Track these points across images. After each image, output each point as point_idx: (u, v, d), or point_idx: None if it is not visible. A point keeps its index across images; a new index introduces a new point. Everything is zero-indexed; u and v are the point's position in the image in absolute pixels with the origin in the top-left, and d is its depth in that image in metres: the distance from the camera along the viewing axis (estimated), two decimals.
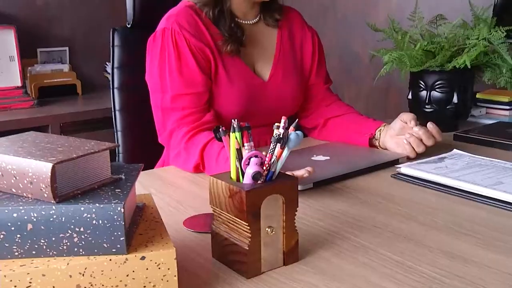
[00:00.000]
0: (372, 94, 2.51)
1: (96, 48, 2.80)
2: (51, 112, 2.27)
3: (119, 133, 1.63)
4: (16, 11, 2.59)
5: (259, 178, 0.71)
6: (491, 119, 1.59)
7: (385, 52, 1.46)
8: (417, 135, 1.21)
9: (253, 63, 1.37)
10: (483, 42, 1.34)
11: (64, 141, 0.70)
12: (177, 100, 1.24)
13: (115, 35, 1.63)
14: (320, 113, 1.46)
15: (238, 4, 1.33)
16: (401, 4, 2.31)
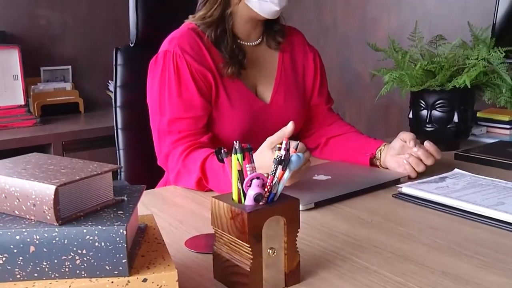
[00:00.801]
0: (373, 112, 2.52)
1: (99, 67, 2.83)
2: (53, 131, 2.29)
3: (121, 151, 1.63)
4: (20, 30, 2.62)
5: (261, 200, 0.71)
6: (492, 138, 1.59)
7: (386, 71, 1.47)
8: (416, 155, 1.22)
9: (255, 85, 1.38)
10: (483, 62, 1.35)
11: (67, 163, 0.71)
12: (174, 124, 1.24)
13: (118, 54, 1.65)
14: (321, 133, 1.46)
15: (241, 25, 1.35)
16: (401, 23, 2.34)
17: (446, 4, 2.17)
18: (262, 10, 1.29)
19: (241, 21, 1.34)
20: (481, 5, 2.01)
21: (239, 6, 1.30)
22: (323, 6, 2.72)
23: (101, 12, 2.83)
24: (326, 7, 2.70)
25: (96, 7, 2.82)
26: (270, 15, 1.30)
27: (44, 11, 2.69)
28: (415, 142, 1.24)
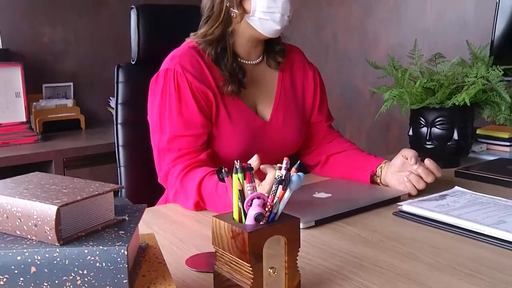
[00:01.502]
0: (373, 129, 2.53)
1: (100, 83, 2.84)
2: (54, 147, 2.29)
3: (122, 168, 1.64)
4: (23, 48, 2.65)
5: (261, 220, 0.71)
6: (492, 155, 1.59)
7: (386, 89, 1.48)
8: (416, 173, 1.22)
9: (255, 103, 1.38)
10: (482, 81, 1.36)
11: (69, 182, 0.71)
12: (174, 141, 1.25)
13: (120, 71, 1.66)
14: (322, 150, 1.47)
15: (242, 43, 1.36)
16: (400, 41, 2.36)
17: (445, 22, 2.19)
18: (264, 29, 1.30)
19: (242, 40, 1.35)
20: (479, 24, 2.03)
21: (240, 25, 1.31)
22: (323, 24, 2.74)
23: (102, 29, 2.86)
24: (326, 25, 2.73)
25: (98, 24, 2.85)
26: (271, 34, 1.31)
27: (47, 29, 2.71)
28: (416, 159, 1.24)
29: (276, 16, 1.28)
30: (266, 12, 1.28)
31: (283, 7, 1.28)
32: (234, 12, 1.30)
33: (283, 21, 1.30)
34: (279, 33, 1.33)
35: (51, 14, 2.71)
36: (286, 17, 1.30)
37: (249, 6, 1.28)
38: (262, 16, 1.28)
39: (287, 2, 1.29)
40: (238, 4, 1.29)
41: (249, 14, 1.29)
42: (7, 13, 2.60)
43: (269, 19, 1.28)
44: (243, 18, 1.29)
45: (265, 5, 1.27)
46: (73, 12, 2.76)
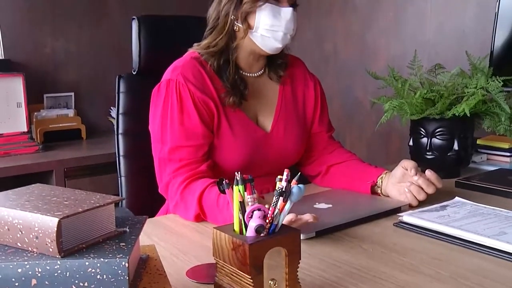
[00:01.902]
0: (374, 139, 2.53)
1: (101, 93, 2.85)
2: (55, 157, 2.29)
3: (123, 178, 1.64)
4: (25, 58, 2.66)
5: (262, 231, 0.71)
6: (492, 166, 1.60)
7: (386, 100, 1.48)
8: (417, 184, 1.22)
9: (256, 114, 1.39)
10: (481, 91, 1.37)
11: (70, 194, 0.71)
12: (175, 152, 1.25)
13: (121, 82, 1.66)
14: (322, 161, 1.47)
15: (244, 57, 1.36)
16: (400, 52, 2.37)
17: (445, 33, 2.20)
18: (265, 45, 1.31)
19: (244, 54, 1.36)
20: (478, 35, 2.04)
21: (244, 40, 1.32)
22: (324, 34, 2.76)
23: (104, 40, 2.87)
24: (327, 36, 2.74)
25: (100, 35, 2.86)
26: (271, 51, 1.32)
27: (49, 39, 2.73)
28: (416, 170, 1.24)
29: (279, 34, 1.29)
30: (269, 30, 1.28)
31: (287, 27, 1.29)
32: (238, 26, 1.30)
33: (285, 40, 1.31)
34: (279, 50, 1.34)
35: (53, 25, 2.72)
36: (289, 36, 1.31)
37: (253, 22, 1.29)
38: (264, 33, 1.29)
39: (291, 21, 1.30)
40: (243, 19, 1.29)
41: (252, 30, 1.29)
42: (9, 24, 2.61)
43: (271, 37, 1.29)
44: (247, 34, 1.30)
45: (269, 23, 1.28)
46: (75, 22, 2.78)
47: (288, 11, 1.29)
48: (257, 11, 1.28)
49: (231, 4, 1.30)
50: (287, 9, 1.29)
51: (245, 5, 1.28)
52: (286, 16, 1.29)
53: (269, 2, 1.28)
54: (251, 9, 1.28)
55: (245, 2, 1.28)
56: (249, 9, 1.28)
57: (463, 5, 2.12)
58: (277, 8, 1.28)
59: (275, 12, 1.28)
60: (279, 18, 1.28)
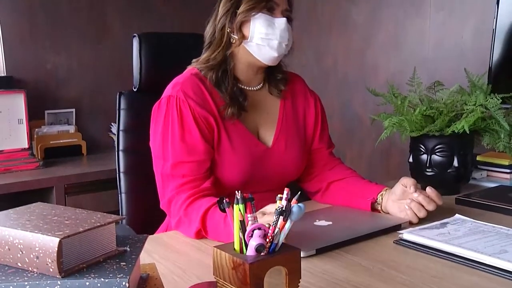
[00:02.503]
0: (374, 155, 2.54)
1: (102, 109, 2.86)
2: (56, 174, 2.30)
3: (123, 195, 1.64)
4: (27, 75, 2.67)
5: (263, 250, 0.71)
6: (493, 182, 1.60)
7: (385, 116, 1.49)
8: (417, 201, 1.22)
9: (257, 128, 1.40)
10: (480, 108, 1.37)
11: (71, 213, 0.72)
12: (177, 168, 1.26)
13: (122, 98, 1.67)
14: (323, 177, 1.47)
15: (242, 70, 1.38)
16: (399, 68, 2.38)
17: (444, 50, 2.21)
18: (260, 55, 1.32)
19: (242, 66, 1.37)
20: (477, 52, 2.06)
21: (239, 50, 1.34)
22: (324, 51, 2.78)
23: (105, 57, 2.89)
24: (327, 53, 2.76)
25: (101, 52, 2.88)
26: (268, 60, 1.34)
27: (51, 56, 2.74)
28: (416, 187, 1.24)
29: (274, 43, 1.31)
30: (264, 39, 1.30)
31: (281, 35, 1.31)
32: (234, 38, 1.33)
33: (281, 49, 1.32)
34: (276, 60, 1.35)
35: (55, 42, 2.74)
36: (284, 45, 1.33)
37: (248, 32, 1.32)
38: (259, 42, 1.31)
39: (286, 30, 1.32)
40: (238, 30, 1.32)
41: (247, 40, 1.32)
42: (12, 41, 2.63)
43: (266, 46, 1.31)
44: (242, 43, 1.32)
45: (263, 32, 1.30)
46: (77, 40, 2.80)
47: (282, 21, 1.32)
48: (251, 21, 1.31)
49: (226, 17, 1.33)
50: (281, 19, 1.32)
51: (240, 15, 1.31)
52: (280, 26, 1.31)
53: (263, 12, 1.31)
54: (245, 18, 1.31)
55: (239, 13, 1.31)
56: (243, 19, 1.31)
57: (461, 23, 2.14)
58: (270, 18, 1.32)
59: (269, 21, 1.31)
60: (273, 27, 1.31)
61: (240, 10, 1.31)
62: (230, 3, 1.33)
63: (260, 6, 1.30)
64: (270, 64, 1.36)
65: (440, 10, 2.21)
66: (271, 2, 1.31)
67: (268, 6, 1.31)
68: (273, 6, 1.32)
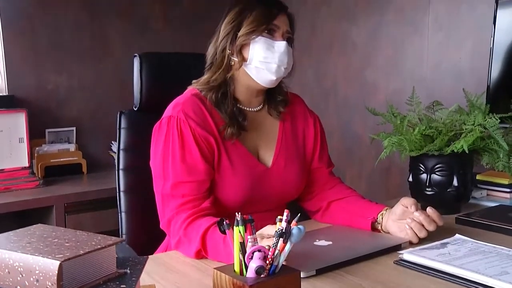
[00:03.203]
0: (374, 174, 2.54)
1: (103, 128, 2.87)
2: (55, 192, 2.29)
3: (123, 214, 1.63)
4: (28, 94, 2.69)
5: (262, 272, 0.72)
6: (493, 202, 1.59)
7: (385, 136, 1.50)
8: (418, 220, 1.22)
9: (256, 148, 1.40)
10: (479, 128, 1.38)
11: (71, 235, 0.72)
12: (177, 188, 1.26)
13: (122, 118, 1.68)
14: (323, 196, 1.47)
15: (242, 91, 1.39)
16: (399, 88, 2.40)
17: (442, 70, 2.23)
18: (259, 78, 1.34)
19: (241, 88, 1.39)
20: (475, 71, 2.07)
21: (239, 72, 1.35)
22: (323, 71, 2.80)
23: (106, 76, 2.91)
24: (326, 73, 2.78)
25: (102, 72, 2.90)
26: (266, 83, 1.35)
27: (52, 76, 2.76)
28: (416, 207, 1.24)
29: (272, 66, 1.32)
30: (263, 62, 1.32)
31: (280, 59, 1.32)
32: (234, 60, 1.34)
33: (279, 72, 1.33)
34: (275, 83, 1.36)
35: (57, 62, 2.76)
36: (283, 69, 1.34)
37: (247, 55, 1.33)
38: (258, 65, 1.32)
39: (285, 54, 1.33)
40: (238, 52, 1.33)
41: (246, 62, 1.33)
42: (14, 61, 2.65)
43: (265, 69, 1.32)
44: (241, 66, 1.33)
45: (262, 55, 1.31)
46: (78, 59, 2.82)
47: (281, 45, 1.33)
48: (251, 44, 1.32)
49: (227, 39, 1.34)
50: (281, 43, 1.33)
51: (240, 38, 1.33)
52: (279, 49, 1.33)
53: (263, 35, 1.32)
54: (246, 41, 1.32)
55: (240, 36, 1.33)
56: (243, 42, 1.32)
57: (459, 43, 2.16)
58: (270, 41, 1.33)
59: (269, 45, 1.32)
60: (273, 51, 1.32)
61: (240, 33, 1.33)
62: (231, 26, 1.34)
63: (260, 29, 1.32)
64: (268, 87, 1.37)
65: (438, 30, 2.23)
66: (272, 25, 1.33)
67: (268, 29, 1.33)
68: (273, 29, 1.33)
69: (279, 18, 1.34)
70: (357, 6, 2.59)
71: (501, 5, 1.72)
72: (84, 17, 2.81)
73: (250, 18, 1.33)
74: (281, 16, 1.35)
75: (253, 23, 1.32)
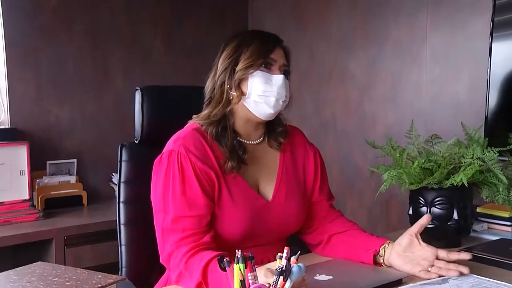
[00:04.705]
0: (374, 206, 2.53)
1: (104, 160, 2.87)
2: (55, 225, 2.28)
3: (123, 247, 1.62)
4: (30, 126, 2.69)
5: None
6: (494, 235, 1.59)
7: (384, 169, 1.50)
8: (448, 261, 1.22)
9: (257, 182, 1.41)
10: (478, 162, 1.39)
11: (71, 274, 0.72)
12: (178, 222, 1.26)
13: (123, 150, 1.68)
14: (323, 229, 1.47)
15: (242, 125, 1.40)
16: (397, 119, 2.42)
17: (440, 102, 2.26)
18: (258, 111, 1.35)
19: (241, 122, 1.40)
20: (472, 104, 2.10)
21: (238, 106, 1.37)
22: (323, 102, 2.82)
23: (108, 109, 2.92)
24: (326, 103, 2.81)
25: (104, 104, 2.92)
26: (265, 117, 1.37)
27: (54, 108, 2.77)
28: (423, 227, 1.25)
29: (271, 100, 1.34)
30: (261, 96, 1.34)
31: (278, 92, 1.34)
32: (233, 94, 1.36)
33: (277, 106, 1.35)
34: (273, 116, 1.38)
35: (60, 94, 2.78)
36: (281, 102, 1.36)
37: (246, 89, 1.35)
38: (257, 99, 1.34)
39: (283, 87, 1.35)
40: (237, 87, 1.35)
41: (245, 97, 1.35)
42: (18, 94, 2.66)
43: (263, 103, 1.34)
44: (240, 100, 1.35)
45: (261, 89, 1.33)
46: (80, 92, 2.84)
47: (279, 78, 1.35)
48: (249, 78, 1.34)
49: (225, 74, 1.36)
50: (278, 76, 1.35)
51: (238, 73, 1.35)
52: (277, 83, 1.34)
53: (260, 69, 1.34)
54: (244, 76, 1.34)
55: (238, 70, 1.35)
56: (241, 76, 1.34)
57: (456, 76, 2.19)
58: (268, 75, 1.35)
59: (267, 78, 1.34)
60: (271, 84, 1.34)
61: (238, 67, 1.35)
62: (228, 61, 1.37)
63: (258, 63, 1.34)
64: (266, 120, 1.39)
65: (436, 63, 2.26)
66: (269, 59, 1.35)
67: (265, 63, 1.35)
68: (270, 62, 1.36)
69: (275, 52, 1.37)
70: (355, 38, 2.64)
71: (495, 38, 1.75)
72: (86, 48, 2.84)
73: (247, 53, 1.35)
74: (278, 49, 1.38)
75: (250, 57, 1.34)
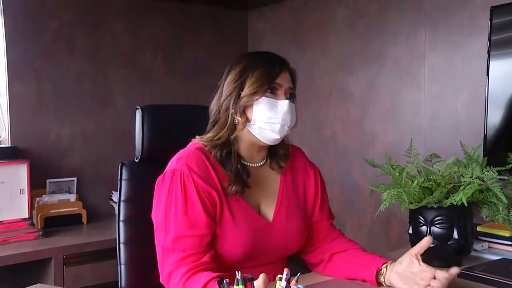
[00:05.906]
0: (374, 224, 2.53)
1: (104, 178, 2.87)
2: (55, 244, 2.27)
3: (123, 266, 1.62)
4: (31, 145, 2.69)
5: None
6: (494, 255, 1.58)
7: (384, 188, 1.50)
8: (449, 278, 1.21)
9: (258, 203, 1.41)
10: (477, 181, 1.39)
11: None
12: (179, 241, 1.26)
13: (123, 169, 1.68)
14: (324, 249, 1.46)
15: (245, 148, 1.40)
16: (397, 138, 2.42)
17: (439, 121, 2.26)
18: (263, 137, 1.36)
19: (245, 145, 1.40)
20: (471, 123, 2.11)
21: (243, 131, 1.37)
22: (323, 121, 2.84)
23: (108, 128, 2.93)
24: (325, 122, 2.82)
25: (104, 123, 2.93)
26: (270, 142, 1.37)
27: (55, 127, 2.78)
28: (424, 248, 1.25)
29: (276, 126, 1.34)
30: (266, 122, 1.33)
31: (283, 118, 1.33)
32: (238, 119, 1.35)
33: (283, 131, 1.35)
34: (278, 141, 1.38)
35: (60, 113, 2.79)
36: (286, 127, 1.35)
37: (251, 115, 1.34)
38: (262, 125, 1.34)
39: (288, 113, 1.34)
40: (242, 113, 1.34)
41: (250, 123, 1.34)
42: (19, 113, 2.67)
43: (268, 129, 1.34)
44: (245, 126, 1.35)
45: (266, 115, 1.33)
46: (80, 110, 2.85)
47: (284, 104, 1.34)
48: (254, 105, 1.33)
49: (230, 99, 1.35)
50: (284, 102, 1.34)
51: (243, 99, 1.33)
52: (282, 109, 1.33)
53: (266, 95, 1.33)
54: (249, 102, 1.33)
55: (243, 97, 1.33)
56: (246, 103, 1.33)
57: (455, 94, 2.20)
58: (273, 101, 1.33)
59: (272, 104, 1.33)
60: (276, 110, 1.33)
61: (243, 93, 1.33)
62: (233, 86, 1.35)
63: (263, 89, 1.33)
64: (271, 144, 1.39)
65: (434, 82, 2.28)
66: (274, 83, 1.34)
67: (271, 88, 1.34)
68: (276, 87, 1.34)
69: (281, 76, 1.35)
70: (354, 58, 2.66)
71: (493, 57, 1.77)
72: (87, 68, 2.86)
73: (252, 79, 1.33)
74: (284, 73, 1.36)
75: (255, 83, 1.32)
